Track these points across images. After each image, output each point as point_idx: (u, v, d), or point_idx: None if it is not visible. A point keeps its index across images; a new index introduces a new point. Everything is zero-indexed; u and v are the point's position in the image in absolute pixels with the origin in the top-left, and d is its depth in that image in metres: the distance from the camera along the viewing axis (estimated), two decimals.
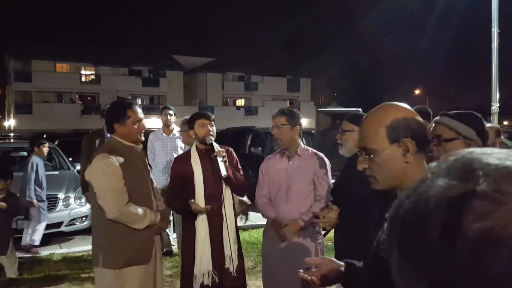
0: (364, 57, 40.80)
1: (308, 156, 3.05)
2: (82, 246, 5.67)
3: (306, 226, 2.93)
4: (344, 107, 34.20)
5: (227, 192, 3.03)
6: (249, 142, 9.60)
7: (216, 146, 3.00)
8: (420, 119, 1.31)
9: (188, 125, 3.19)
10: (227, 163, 2.99)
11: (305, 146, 3.13)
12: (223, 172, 2.91)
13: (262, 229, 4.37)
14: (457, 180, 0.44)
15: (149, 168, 2.81)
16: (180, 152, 5.61)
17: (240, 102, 39.98)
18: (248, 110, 36.60)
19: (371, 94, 43.66)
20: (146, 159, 2.87)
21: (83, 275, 4.63)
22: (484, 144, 1.84)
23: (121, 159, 2.53)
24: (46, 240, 5.76)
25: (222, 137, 8.85)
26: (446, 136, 1.83)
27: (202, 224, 2.94)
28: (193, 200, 2.91)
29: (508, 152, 0.46)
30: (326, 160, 3.07)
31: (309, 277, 1.47)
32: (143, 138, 2.69)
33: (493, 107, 6.04)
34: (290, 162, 3.03)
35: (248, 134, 9.94)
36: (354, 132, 2.49)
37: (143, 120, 2.68)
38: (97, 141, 4.71)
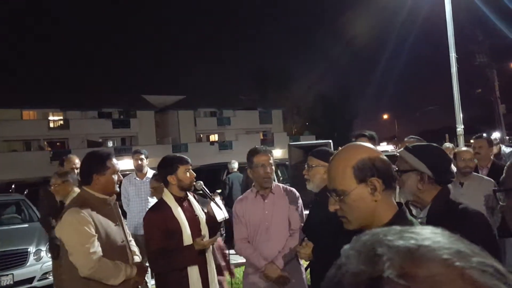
0: (333, 86, 41.94)
1: (281, 192, 3.08)
2: None
3: (287, 262, 2.92)
4: (316, 136, 34.54)
5: (206, 238, 2.88)
6: (224, 179, 9.55)
7: (206, 190, 2.97)
8: (385, 157, 1.35)
9: (163, 170, 2.87)
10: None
11: (277, 183, 3.16)
12: (225, 214, 2.83)
13: (243, 267, 4.33)
14: (365, 265, 0.44)
15: (123, 220, 2.74)
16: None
17: (214, 137, 39.98)
18: (222, 145, 36.57)
19: (342, 121, 44.68)
20: (119, 210, 2.80)
21: None
22: (439, 175, 1.87)
23: (93, 213, 2.47)
24: None
25: (196, 174, 8.76)
26: (402, 168, 1.90)
27: (195, 278, 2.71)
28: (204, 235, 2.71)
29: (411, 230, 0.48)
30: (297, 193, 3.13)
31: None
32: (118, 189, 2.66)
33: (458, 129, 6.27)
34: (266, 201, 3.03)
35: (223, 170, 9.90)
36: (320, 167, 2.53)
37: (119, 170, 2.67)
38: None
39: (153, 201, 5.41)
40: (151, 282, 5.26)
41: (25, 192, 10.88)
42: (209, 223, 2.91)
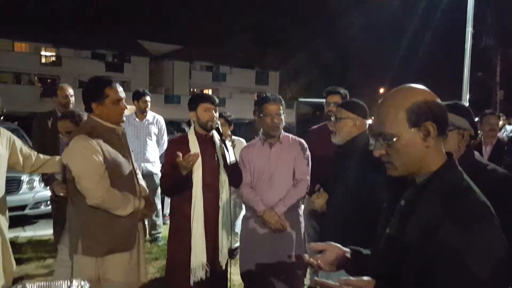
0: (333, 53, 41.33)
1: (288, 142, 3.08)
2: (47, 230, 5.41)
3: (287, 211, 2.94)
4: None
5: (224, 182, 2.92)
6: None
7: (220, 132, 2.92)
8: (440, 101, 1.28)
9: (188, 106, 2.95)
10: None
11: (285, 133, 3.14)
12: (232, 157, 2.79)
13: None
14: None
15: (131, 151, 2.66)
16: (154, 138, 5.47)
17: (208, 92, 39.43)
18: None
19: None
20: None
21: (49, 259, 4.47)
22: (476, 133, 1.87)
23: (101, 141, 2.36)
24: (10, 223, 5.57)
25: None
26: None
27: (198, 214, 2.79)
28: (179, 153, 2.64)
29: None
30: (305, 145, 3.12)
31: (315, 262, 1.43)
32: (124, 119, 2.52)
33: None
34: (272, 149, 3.03)
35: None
36: (348, 120, 2.46)
37: (124, 99, 2.50)
38: (49, 122, 4.48)
39: (150, 143, 5.36)
40: (160, 220, 5.39)
41: (15, 123, 10.74)
42: (226, 167, 2.89)
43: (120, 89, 2.48)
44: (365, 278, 1.28)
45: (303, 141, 3.15)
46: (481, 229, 1.09)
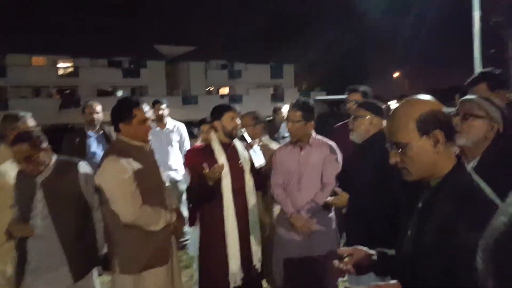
0: (346, 42, 40.92)
1: (319, 145, 3.13)
2: None
3: (314, 212, 3.01)
4: (327, 93, 34.24)
5: (250, 186, 3.01)
6: None
7: (247, 137, 3.03)
8: (445, 110, 1.37)
9: (212, 116, 3.03)
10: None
11: (317, 136, 3.19)
12: (261, 161, 2.88)
13: None
14: None
15: (159, 166, 2.75)
16: (176, 145, 5.58)
17: (224, 90, 39.70)
18: (233, 98, 36.26)
19: (353, 79, 43.55)
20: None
21: None
22: (505, 128, 1.90)
23: (131, 160, 2.46)
24: None
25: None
26: (476, 113, 1.90)
27: (231, 220, 2.85)
28: (205, 165, 2.70)
29: None
30: (335, 147, 3.15)
31: (345, 267, 1.52)
32: (150, 137, 2.62)
33: None
34: (302, 152, 3.11)
35: None
36: (366, 118, 2.56)
37: (150, 119, 2.60)
38: (77, 141, 4.69)
39: (172, 150, 5.47)
40: (187, 227, 5.45)
41: None
42: (253, 171, 3.00)
43: (146, 108, 2.59)
44: (392, 281, 1.36)
45: (333, 143, 3.18)
46: None
